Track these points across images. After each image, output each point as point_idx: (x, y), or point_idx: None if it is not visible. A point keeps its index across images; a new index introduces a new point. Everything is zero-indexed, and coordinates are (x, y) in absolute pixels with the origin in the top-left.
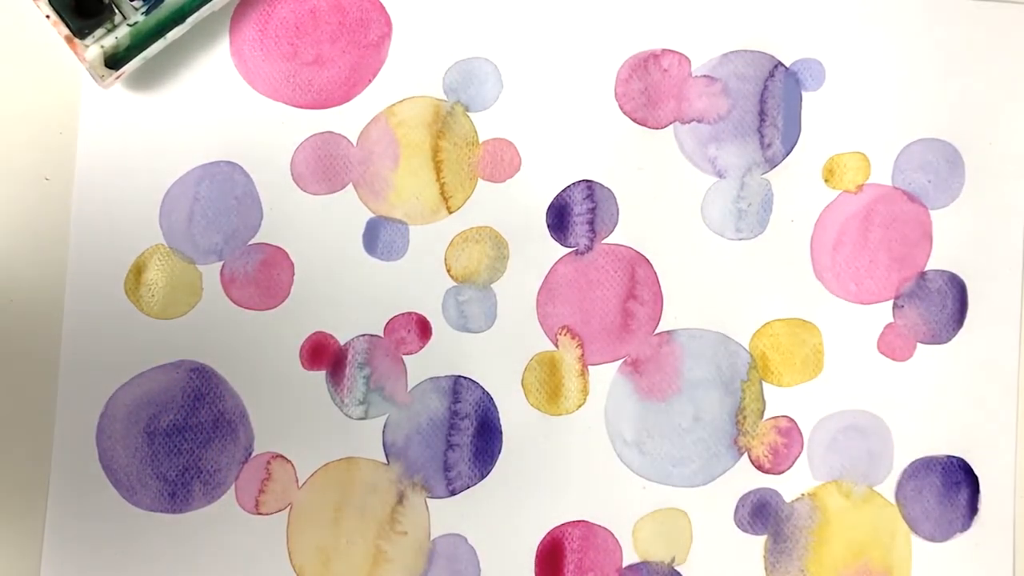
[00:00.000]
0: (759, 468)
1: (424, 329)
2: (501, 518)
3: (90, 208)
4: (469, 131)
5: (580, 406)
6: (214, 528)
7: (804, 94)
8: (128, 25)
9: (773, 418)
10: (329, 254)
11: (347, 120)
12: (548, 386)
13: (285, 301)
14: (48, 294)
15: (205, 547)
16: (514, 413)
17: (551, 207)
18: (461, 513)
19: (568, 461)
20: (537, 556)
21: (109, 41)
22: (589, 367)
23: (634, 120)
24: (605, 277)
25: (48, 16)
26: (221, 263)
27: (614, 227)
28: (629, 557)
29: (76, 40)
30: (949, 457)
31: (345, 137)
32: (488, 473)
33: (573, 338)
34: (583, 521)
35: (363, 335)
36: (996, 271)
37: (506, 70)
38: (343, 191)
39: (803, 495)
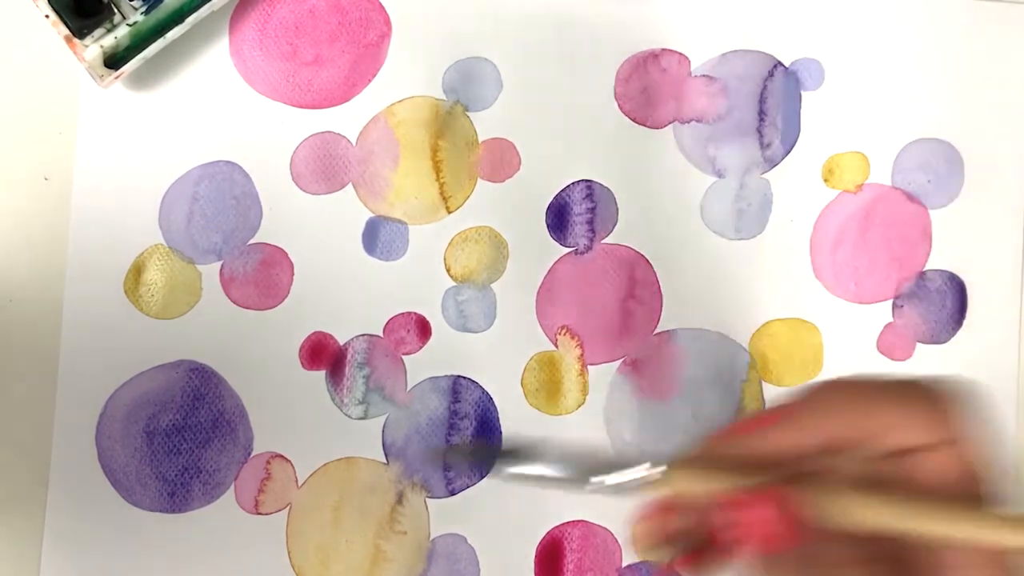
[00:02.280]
0: None
1: (423, 329)
2: (500, 518)
3: (89, 208)
4: (468, 131)
5: (580, 406)
6: (213, 528)
7: (803, 94)
8: (127, 25)
9: None
10: (328, 254)
11: (346, 120)
12: (547, 386)
13: (284, 301)
14: (48, 294)
15: (204, 547)
16: (513, 413)
17: (550, 207)
18: (460, 513)
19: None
20: (537, 556)
21: (108, 41)
22: (588, 367)
23: (633, 120)
24: (604, 277)
25: (47, 16)
26: (220, 263)
27: (613, 227)
28: (628, 557)
29: (75, 40)
30: None
31: (344, 137)
32: (487, 473)
33: (572, 338)
34: (582, 521)
35: (362, 335)
36: (995, 271)
37: (505, 70)
38: (342, 191)
39: None
